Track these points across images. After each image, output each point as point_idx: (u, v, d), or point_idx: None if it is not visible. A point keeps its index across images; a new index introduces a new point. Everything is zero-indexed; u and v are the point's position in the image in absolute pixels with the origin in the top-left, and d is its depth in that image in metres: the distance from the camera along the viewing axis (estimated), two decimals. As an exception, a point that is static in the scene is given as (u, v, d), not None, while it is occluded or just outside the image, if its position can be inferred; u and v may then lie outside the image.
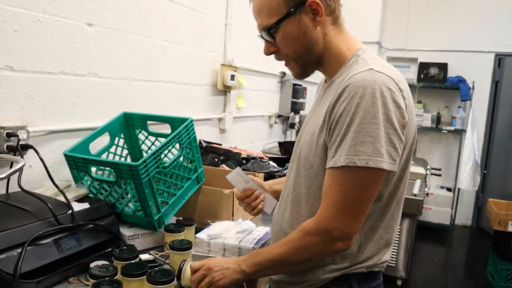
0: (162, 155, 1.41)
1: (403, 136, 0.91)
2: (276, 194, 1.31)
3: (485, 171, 4.95)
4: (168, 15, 2.04)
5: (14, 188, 1.27)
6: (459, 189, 4.78)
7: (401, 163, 0.97)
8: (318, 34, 1.01)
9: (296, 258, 0.98)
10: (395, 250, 3.28)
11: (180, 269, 1.10)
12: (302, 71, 1.08)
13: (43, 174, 1.39)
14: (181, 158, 1.50)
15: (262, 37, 1.05)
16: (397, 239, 3.23)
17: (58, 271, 1.09)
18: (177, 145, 1.49)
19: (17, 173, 1.15)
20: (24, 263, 1.00)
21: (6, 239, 1.00)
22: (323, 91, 1.09)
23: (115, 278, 0.99)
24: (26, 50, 1.36)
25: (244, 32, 2.82)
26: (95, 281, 0.95)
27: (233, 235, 1.41)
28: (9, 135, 1.27)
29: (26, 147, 1.31)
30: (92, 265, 1.09)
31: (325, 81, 1.12)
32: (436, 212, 4.79)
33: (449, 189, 4.95)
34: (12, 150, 1.26)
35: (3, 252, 0.97)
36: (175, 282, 1.02)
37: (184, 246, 1.21)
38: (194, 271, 1.07)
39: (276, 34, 1.01)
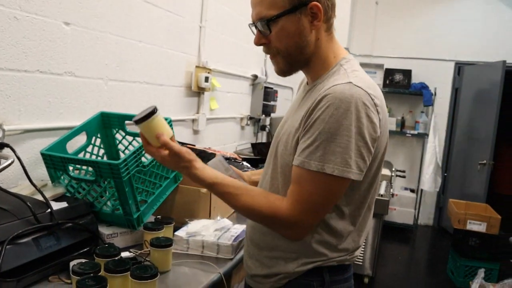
0: (141, 155, 1.42)
1: (373, 148, 0.98)
2: (254, 185, 1.35)
3: (445, 174, 5.20)
4: (144, 16, 2.05)
5: (-11, 187, 1.25)
6: (421, 190, 4.99)
7: (372, 171, 1.04)
8: (312, 37, 1.05)
9: (255, 219, 1.07)
10: (363, 249, 3.39)
11: (151, 113, 1.05)
12: (287, 68, 1.11)
13: (18, 173, 1.38)
14: (160, 158, 1.52)
15: (255, 26, 1.07)
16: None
17: (38, 270, 1.09)
18: (156, 145, 1.51)
19: (-5, 172, 1.14)
20: (3, 262, 0.99)
21: (-14, 237, 0.99)
22: (304, 94, 1.13)
23: (98, 274, 1.00)
24: (2, 47, 1.34)
25: (218, 34, 2.85)
26: (78, 277, 0.96)
27: (211, 232, 1.45)
28: (-16, 133, 1.25)
29: (2, 145, 1.29)
30: (72, 263, 1.09)
31: (307, 83, 1.17)
32: (400, 213, 4.99)
33: (412, 191, 5.16)
34: (-12, 148, 1.24)
35: (-17, 250, 0.97)
36: (158, 277, 1.04)
37: (165, 243, 1.23)
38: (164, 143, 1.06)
39: (273, 26, 1.03)
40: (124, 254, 1.26)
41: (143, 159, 1.45)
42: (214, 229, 1.47)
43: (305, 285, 1.06)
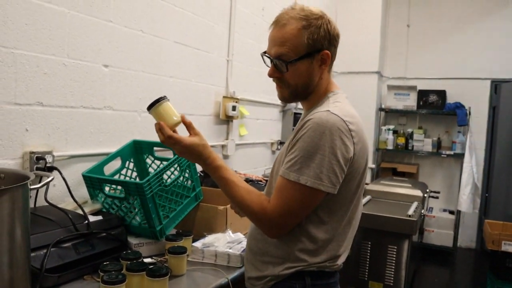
0: (165, 176, 1.66)
1: (345, 167, 1.14)
2: None
3: (487, 194, 5.06)
4: (175, 55, 2.34)
5: (40, 202, 1.53)
6: (459, 211, 4.89)
7: (351, 189, 1.20)
8: (317, 77, 1.26)
9: (244, 210, 1.20)
10: (393, 270, 3.40)
11: (159, 100, 1.20)
12: (289, 98, 1.31)
13: (64, 192, 1.65)
14: (181, 179, 1.75)
15: (271, 61, 1.23)
16: (394, 259, 3.37)
17: (75, 269, 1.33)
18: (178, 167, 1.74)
19: (44, 190, 1.41)
20: (48, 260, 1.24)
21: (35, 241, 1.24)
22: (299, 121, 1.33)
23: (121, 272, 1.22)
24: (53, 88, 1.65)
25: (245, 66, 3.11)
26: (104, 274, 1.19)
27: (224, 244, 1.64)
28: (38, 159, 1.55)
29: (52, 168, 1.58)
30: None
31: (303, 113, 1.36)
32: (438, 234, 4.90)
33: (451, 212, 5.06)
34: (41, 171, 1.53)
35: (33, 251, 1.21)
36: (168, 276, 1.25)
37: (179, 251, 1.44)
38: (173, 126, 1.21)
39: (290, 67, 1.22)
40: (147, 260, 1.49)
41: (168, 180, 1.68)
42: (227, 241, 1.66)
43: (288, 287, 1.21)
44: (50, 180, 1.03)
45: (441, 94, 5.09)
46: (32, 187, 0.96)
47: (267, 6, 3.37)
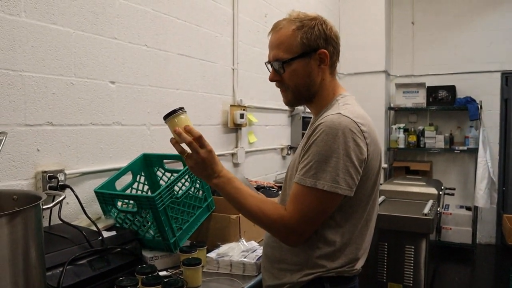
0: (176, 188, 1.67)
1: (360, 168, 1.14)
2: None
3: (504, 188, 4.98)
4: (180, 67, 2.36)
5: (54, 220, 1.55)
6: (477, 207, 4.81)
7: (367, 191, 1.20)
8: (318, 78, 1.26)
9: (260, 221, 1.18)
10: (412, 270, 3.36)
11: (175, 111, 1.19)
12: (294, 101, 1.32)
13: (77, 209, 1.66)
14: (192, 189, 1.76)
15: (271, 65, 1.27)
16: (412, 259, 3.33)
17: (91, 286, 1.34)
18: (188, 178, 1.75)
19: (58, 208, 1.43)
20: (65, 278, 1.25)
21: (51, 259, 1.25)
22: (310, 126, 1.33)
23: (137, 287, 1.23)
24: (62, 107, 1.68)
25: (251, 74, 3.12)
26: (121, 289, 1.20)
27: (238, 253, 1.63)
28: (50, 178, 1.57)
29: (64, 186, 1.60)
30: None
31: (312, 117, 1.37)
32: (456, 232, 4.82)
33: (468, 208, 4.98)
34: (53, 189, 1.55)
35: (49, 270, 1.23)
36: (184, 287, 1.25)
37: (194, 262, 1.44)
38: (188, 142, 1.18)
39: (287, 68, 1.24)
40: (163, 273, 1.49)
41: (179, 191, 1.69)
42: (241, 250, 1.66)
43: None
44: (62, 199, 1.04)
45: (451, 89, 5.04)
46: (44, 207, 0.97)
47: (270, 12, 3.38)
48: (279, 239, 1.21)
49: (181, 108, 1.21)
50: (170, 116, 1.20)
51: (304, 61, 1.22)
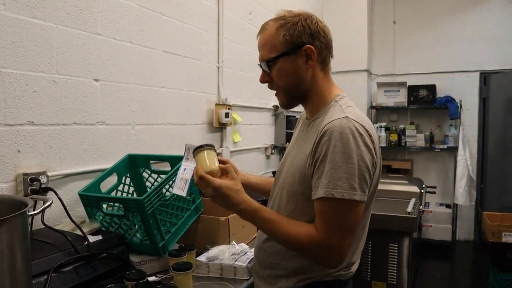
0: (164, 190, 1.62)
1: (372, 173, 1.11)
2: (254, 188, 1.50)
3: (482, 186, 5.09)
4: (165, 64, 2.29)
5: (36, 225, 1.48)
6: (456, 205, 4.90)
7: (370, 196, 1.16)
8: (308, 75, 1.21)
9: (291, 247, 1.14)
10: (396, 268, 3.39)
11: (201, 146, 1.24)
12: (288, 102, 1.28)
13: (60, 213, 1.59)
14: (181, 191, 1.70)
15: (261, 66, 1.25)
16: (396, 257, 3.36)
17: (78, 294, 1.28)
18: (177, 180, 1.70)
19: (40, 213, 1.36)
20: (50, 287, 1.19)
21: (35, 267, 1.18)
22: (305, 127, 1.28)
23: (126, 295, 1.18)
24: (44, 106, 1.60)
25: (236, 72, 3.08)
26: (110, 298, 1.14)
27: (229, 256, 1.60)
28: (32, 180, 1.49)
29: (47, 189, 1.53)
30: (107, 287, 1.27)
31: (306, 118, 1.31)
32: (437, 229, 4.91)
33: (448, 206, 5.07)
34: (35, 192, 1.48)
35: (34, 278, 1.16)
36: (177, 295, 1.21)
37: (185, 267, 1.39)
38: (210, 174, 1.18)
39: (273, 67, 1.21)
40: (152, 279, 1.44)
41: (167, 193, 1.64)
42: (231, 253, 1.62)
43: None
44: (49, 205, 0.98)
45: (431, 88, 5.11)
46: (30, 213, 0.91)
47: (255, 10, 3.34)
48: (323, 264, 1.14)
49: (208, 145, 1.26)
50: (195, 151, 1.26)
51: (290, 59, 1.19)
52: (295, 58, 1.19)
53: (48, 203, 0.98)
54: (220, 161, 1.26)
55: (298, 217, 1.17)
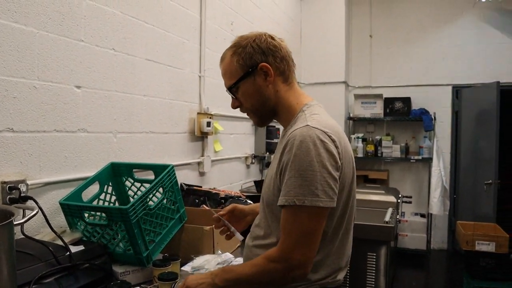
0: (148, 199, 1.59)
1: (338, 177, 1.12)
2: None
3: (455, 196, 5.23)
4: (147, 73, 2.27)
5: (16, 235, 1.42)
6: (431, 214, 5.02)
7: (342, 200, 1.18)
8: (270, 91, 1.25)
9: (259, 280, 1.15)
10: (374, 277, 3.43)
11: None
12: (260, 121, 1.34)
13: (40, 222, 1.55)
14: (165, 201, 1.68)
15: (228, 93, 1.30)
16: (374, 265, 3.40)
17: (60, 306, 1.24)
18: (161, 189, 1.68)
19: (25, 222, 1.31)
20: (31, 300, 1.15)
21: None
22: (281, 139, 1.31)
23: (112, 306, 1.15)
24: (24, 113, 1.56)
25: (218, 81, 3.08)
26: (95, 309, 1.11)
27: (214, 265, 1.58)
28: (11, 189, 1.44)
29: (26, 198, 1.48)
30: (90, 299, 1.24)
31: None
32: (412, 238, 5.01)
33: (422, 215, 5.19)
34: (14, 201, 1.43)
35: (14, 290, 1.12)
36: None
37: (171, 277, 1.37)
38: None
39: (237, 92, 1.27)
40: (136, 289, 1.41)
41: (150, 202, 1.62)
42: (216, 262, 1.61)
43: None
44: (35, 214, 0.95)
45: (406, 101, 5.26)
46: (16, 222, 0.88)
47: (236, 20, 3.37)
48: (292, 278, 1.12)
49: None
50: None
51: (249, 80, 1.25)
52: (254, 78, 1.24)
53: (34, 212, 0.95)
54: (222, 215, 1.45)
55: (277, 227, 1.18)
